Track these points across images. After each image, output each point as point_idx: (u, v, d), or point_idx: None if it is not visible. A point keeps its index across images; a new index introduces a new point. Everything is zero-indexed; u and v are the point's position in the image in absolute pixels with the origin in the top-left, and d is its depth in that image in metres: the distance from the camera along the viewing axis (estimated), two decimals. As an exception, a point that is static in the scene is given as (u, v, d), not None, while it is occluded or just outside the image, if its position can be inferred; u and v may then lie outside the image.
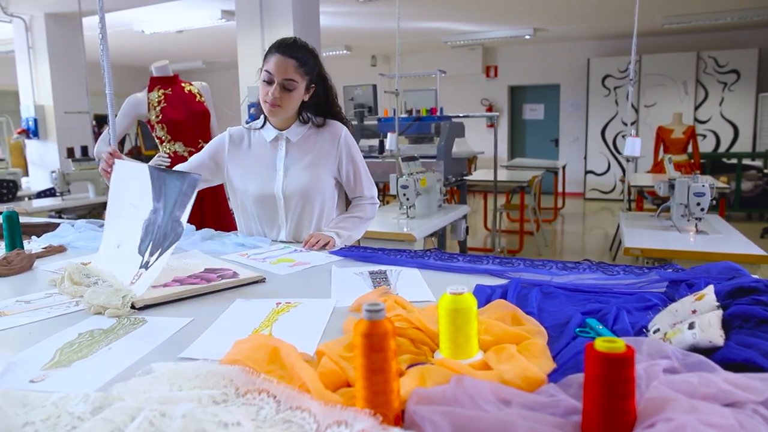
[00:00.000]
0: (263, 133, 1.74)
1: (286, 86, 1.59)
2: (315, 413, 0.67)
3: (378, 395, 0.63)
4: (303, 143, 1.72)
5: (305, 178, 1.70)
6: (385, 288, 1.13)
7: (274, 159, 1.72)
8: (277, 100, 1.61)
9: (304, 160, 1.71)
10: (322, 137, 1.73)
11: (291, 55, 1.59)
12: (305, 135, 1.73)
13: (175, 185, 1.20)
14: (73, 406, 0.70)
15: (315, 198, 1.72)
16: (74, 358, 0.88)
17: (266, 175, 1.71)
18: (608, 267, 1.38)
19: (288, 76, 1.58)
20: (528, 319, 0.96)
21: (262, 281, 1.28)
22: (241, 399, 0.72)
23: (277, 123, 1.72)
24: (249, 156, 1.74)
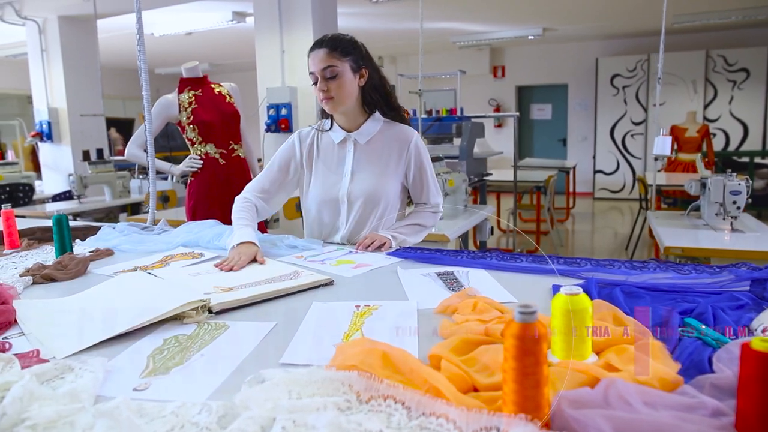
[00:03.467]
0: (331, 134, 1.71)
1: (327, 75, 1.56)
2: (454, 419, 0.64)
3: (529, 400, 0.61)
4: (372, 145, 1.68)
5: (371, 182, 1.66)
6: (471, 289, 1.10)
7: (342, 162, 1.69)
8: (327, 92, 1.57)
9: (372, 165, 1.67)
10: (391, 140, 1.68)
11: (320, 46, 1.57)
12: (374, 136, 1.68)
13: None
14: (194, 416, 0.68)
15: (379, 203, 1.68)
16: (170, 365, 0.85)
17: (332, 179, 1.69)
18: (679, 266, 1.36)
19: (324, 65, 1.56)
20: (629, 319, 0.94)
21: (330, 284, 1.25)
22: (366, 406, 0.70)
23: (345, 123, 1.68)
24: (317, 159, 1.71)
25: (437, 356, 0.79)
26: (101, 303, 1.10)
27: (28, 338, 0.98)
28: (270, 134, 4.16)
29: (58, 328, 1.00)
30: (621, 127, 8.59)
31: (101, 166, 4.50)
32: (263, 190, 1.73)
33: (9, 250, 1.66)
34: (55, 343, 0.93)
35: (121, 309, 1.04)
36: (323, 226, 1.75)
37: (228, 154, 2.58)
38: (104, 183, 4.46)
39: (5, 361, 0.83)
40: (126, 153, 2.51)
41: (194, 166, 2.51)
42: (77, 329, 0.97)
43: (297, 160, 1.73)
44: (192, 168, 2.52)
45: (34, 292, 1.28)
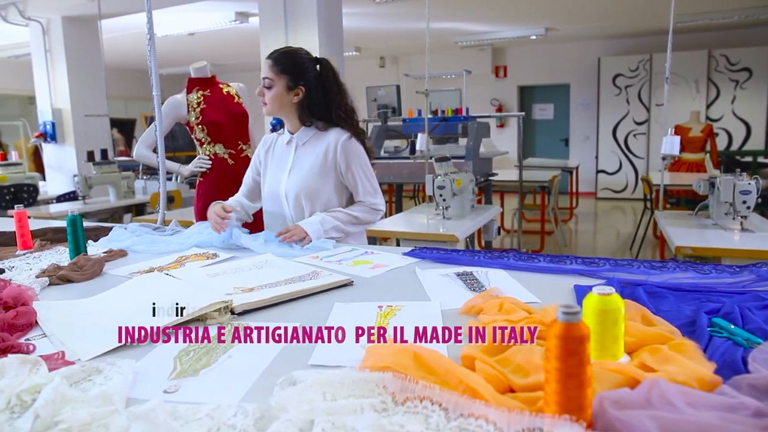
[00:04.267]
0: (283, 137, 1.90)
1: (264, 84, 1.77)
2: (494, 420, 0.63)
3: (572, 400, 0.60)
4: (309, 146, 1.83)
5: (306, 179, 1.80)
6: (495, 289, 1.09)
7: (286, 160, 1.86)
8: (263, 98, 1.78)
9: (308, 162, 1.81)
10: (324, 141, 1.81)
11: (268, 57, 1.77)
12: (311, 139, 1.83)
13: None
14: (230, 418, 0.67)
15: (316, 198, 1.80)
16: (197, 366, 0.84)
17: (276, 175, 1.86)
18: (698, 266, 1.35)
19: (264, 75, 1.77)
20: (657, 319, 0.93)
21: (350, 284, 1.25)
22: (401, 407, 0.69)
23: (289, 127, 1.86)
24: (273, 159, 1.91)
25: (470, 357, 0.78)
26: (123, 305, 1.09)
27: (50, 340, 0.97)
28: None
29: (81, 329, 0.99)
30: (623, 127, 8.58)
31: (105, 167, 4.49)
32: (247, 188, 1.97)
33: (22, 251, 1.66)
34: (79, 345, 0.92)
35: (143, 310, 1.03)
36: (274, 219, 1.88)
37: (237, 154, 2.57)
38: (109, 183, 4.46)
39: (32, 363, 0.82)
40: (134, 153, 2.50)
41: (203, 166, 2.51)
42: (101, 331, 0.97)
43: (259, 160, 1.95)
44: (201, 168, 2.51)
45: (51, 293, 1.28)
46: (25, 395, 0.73)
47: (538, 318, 0.90)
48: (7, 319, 1.00)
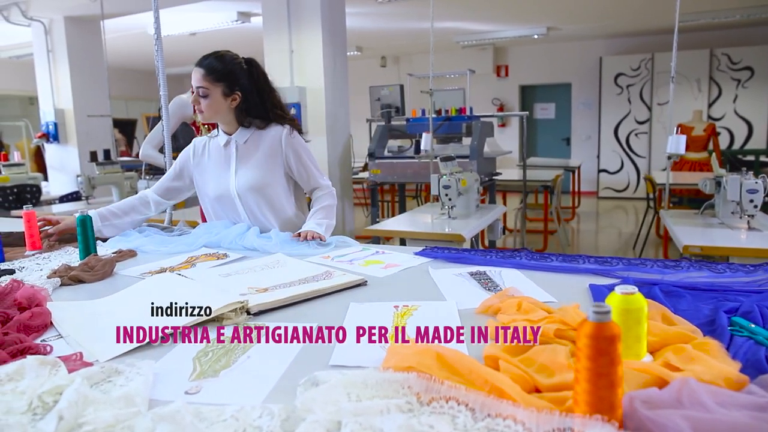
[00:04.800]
0: (218, 140, 1.91)
1: (199, 93, 1.77)
2: (523, 420, 0.63)
3: (603, 400, 0.60)
4: (250, 145, 1.86)
5: (254, 175, 1.84)
6: (513, 289, 1.09)
7: (228, 161, 1.88)
8: (198, 106, 1.79)
9: (252, 159, 1.84)
10: (266, 138, 1.86)
11: (200, 65, 1.78)
12: (251, 138, 1.86)
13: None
14: (255, 420, 0.67)
15: (267, 192, 1.84)
16: (217, 367, 0.84)
17: (221, 176, 1.87)
18: (713, 265, 1.35)
19: (197, 84, 1.77)
20: (678, 318, 0.93)
21: (364, 284, 1.24)
22: (427, 408, 0.68)
23: (226, 128, 1.88)
24: (209, 162, 1.91)
25: (494, 357, 0.77)
26: (138, 305, 1.08)
27: (67, 341, 0.96)
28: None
29: (97, 330, 0.99)
30: (625, 126, 8.58)
31: (109, 167, 4.49)
32: (163, 188, 1.98)
33: (31, 252, 1.65)
34: (95, 346, 0.92)
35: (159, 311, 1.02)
36: (220, 218, 1.89)
37: (243, 154, 2.56)
38: (112, 184, 4.45)
39: (51, 365, 0.81)
40: (140, 153, 2.49)
41: (209, 166, 2.50)
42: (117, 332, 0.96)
43: (189, 164, 1.95)
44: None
45: (62, 293, 1.27)
46: (46, 397, 0.73)
47: (558, 317, 0.89)
48: (22, 320, 0.99)
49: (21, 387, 0.76)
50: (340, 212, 4.29)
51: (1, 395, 0.74)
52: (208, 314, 0.99)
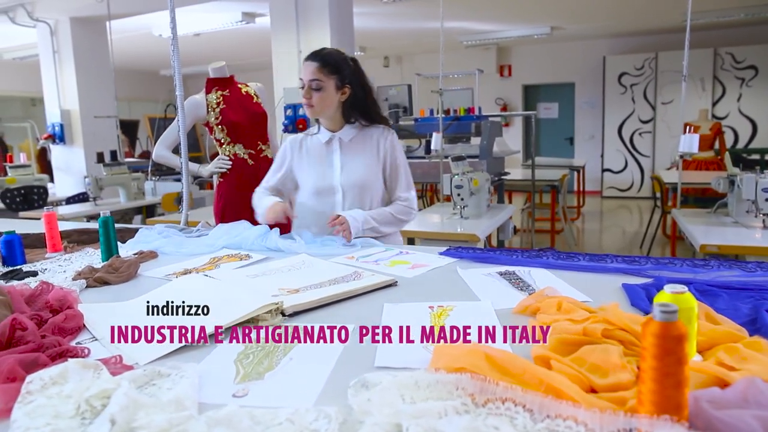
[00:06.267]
0: (318, 136, 1.90)
1: (312, 86, 1.76)
2: (585, 421, 0.62)
3: (669, 400, 0.59)
4: (354, 143, 1.87)
5: (361, 171, 1.84)
6: (550, 289, 1.08)
7: (331, 156, 1.87)
8: (309, 101, 1.78)
9: (357, 156, 1.86)
10: (370, 137, 1.87)
11: (313, 59, 1.77)
12: (355, 136, 1.87)
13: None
14: (312, 422, 0.66)
15: (369, 191, 1.86)
16: (260, 369, 0.83)
17: (324, 171, 1.87)
18: (743, 264, 1.34)
19: (312, 77, 1.75)
20: (721, 317, 0.92)
21: (394, 284, 1.23)
22: (483, 409, 0.68)
23: (329, 125, 1.87)
24: (308, 157, 1.91)
25: (544, 357, 0.76)
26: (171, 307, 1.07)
27: (102, 343, 0.95)
28: (288, 134, 4.13)
29: (131, 332, 0.98)
30: (629, 126, 8.57)
31: (116, 168, 4.48)
32: (271, 187, 1.97)
33: (52, 254, 1.64)
34: (134, 348, 0.91)
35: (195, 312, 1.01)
36: (320, 216, 1.85)
37: (256, 154, 2.56)
38: (119, 185, 4.44)
39: (93, 368, 0.80)
40: (154, 154, 2.48)
41: (223, 166, 2.49)
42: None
43: (290, 161, 1.94)
44: (221, 169, 2.49)
45: (88, 295, 1.26)
46: (94, 400, 0.72)
47: (602, 317, 0.88)
48: (57, 322, 0.98)
49: (66, 391, 0.75)
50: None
51: (47, 399, 0.73)
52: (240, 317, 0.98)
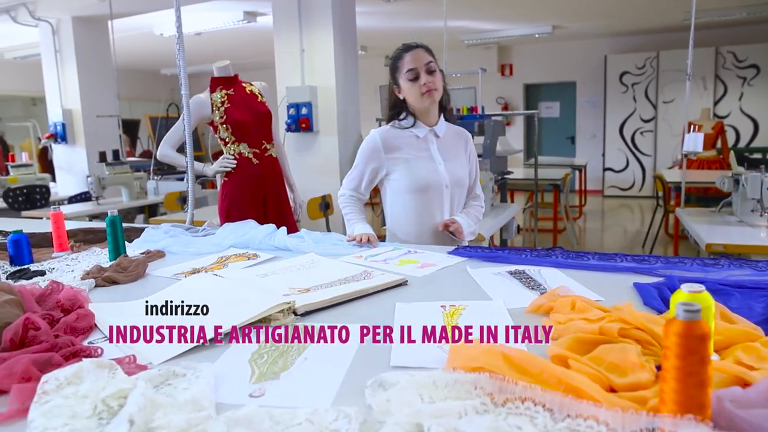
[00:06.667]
0: (414, 131, 1.79)
1: (430, 68, 1.71)
2: (606, 421, 0.62)
3: (692, 399, 0.59)
4: (446, 139, 1.82)
5: (461, 168, 1.83)
6: (563, 288, 1.08)
7: (429, 152, 1.79)
8: (431, 84, 1.70)
9: (453, 153, 1.82)
10: (455, 134, 1.87)
11: (417, 47, 1.74)
12: (446, 132, 1.83)
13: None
14: (332, 422, 0.65)
15: (465, 189, 1.85)
16: (276, 369, 0.82)
17: (429, 167, 1.77)
18: (753, 263, 1.34)
19: (428, 59, 1.72)
20: (736, 316, 0.92)
21: (404, 284, 1.23)
22: (502, 409, 0.67)
23: (426, 119, 1.79)
24: (405, 152, 1.78)
25: (562, 356, 0.76)
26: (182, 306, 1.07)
27: (115, 343, 0.95)
28: (290, 134, 4.13)
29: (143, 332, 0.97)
30: (630, 125, 8.56)
31: (118, 167, 4.48)
32: (355, 187, 1.87)
33: (59, 253, 1.64)
34: (147, 348, 0.91)
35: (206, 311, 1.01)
36: (421, 213, 1.77)
37: (261, 153, 2.55)
38: (121, 184, 4.44)
39: (108, 367, 0.80)
40: (158, 153, 2.47)
41: (228, 166, 2.48)
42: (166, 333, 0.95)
43: (380, 155, 1.79)
44: (226, 168, 2.49)
45: (97, 295, 1.26)
46: (111, 400, 0.71)
47: (617, 316, 0.88)
48: (69, 321, 0.98)
49: (82, 391, 0.74)
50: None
51: (64, 399, 0.73)
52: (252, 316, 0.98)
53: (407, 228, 1.80)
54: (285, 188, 2.68)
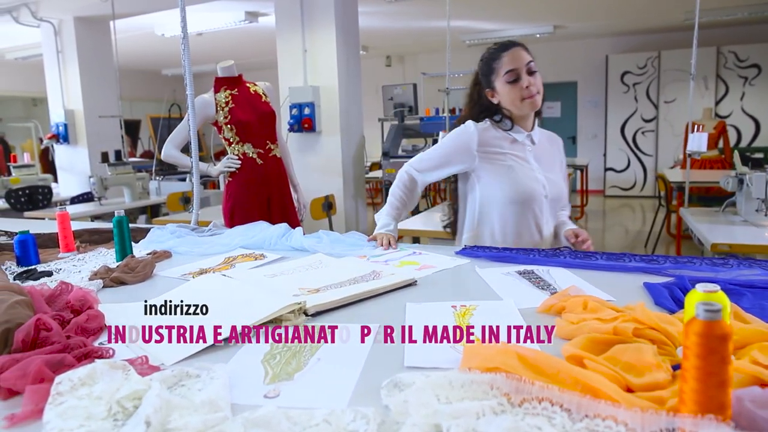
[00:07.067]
0: (512, 134, 1.62)
1: (531, 69, 1.57)
2: (625, 421, 0.61)
3: (712, 399, 0.58)
4: (540, 146, 1.67)
5: (558, 177, 1.67)
6: (574, 288, 1.07)
7: (527, 160, 1.62)
8: (534, 87, 1.56)
9: (548, 162, 1.66)
10: (548, 140, 1.72)
11: (515, 45, 1.59)
12: (540, 137, 1.69)
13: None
14: (349, 423, 0.65)
15: (560, 200, 1.68)
16: (289, 370, 0.82)
17: (529, 176, 1.60)
18: (763, 263, 1.33)
19: (527, 60, 1.57)
20: (749, 316, 0.91)
21: (414, 284, 1.23)
22: (520, 409, 0.67)
23: (524, 123, 1.63)
24: (503, 156, 1.60)
25: (577, 356, 0.76)
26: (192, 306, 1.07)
27: (126, 344, 0.95)
28: (293, 134, 4.13)
29: (154, 333, 0.97)
30: (631, 125, 8.56)
31: (120, 168, 4.48)
32: (424, 170, 1.69)
33: (65, 253, 1.63)
34: (159, 349, 0.90)
35: (218, 313, 1.01)
36: (521, 226, 1.60)
37: (265, 153, 2.55)
38: (124, 185, 4.44)
39: (121, 368, 0.80)
40: (162, 154, 2.47)
41: (232, 166, 2.48)
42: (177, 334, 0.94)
43: (472, 152, 1.61)
44: (230, 168, 2.49)
45: (105, 295, 1.25)
46: (126, 402, 0.71)
47: (630, 316, 0.88)
48: (80, 322, 0.98)
49: (96, 392, 0.74)
50: (353, 211, 4.28)
51: (78, 400, 0.72)
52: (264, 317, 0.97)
53: (502, 242, 1.62)
54: (289, 188, 2.68)
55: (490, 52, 1.62)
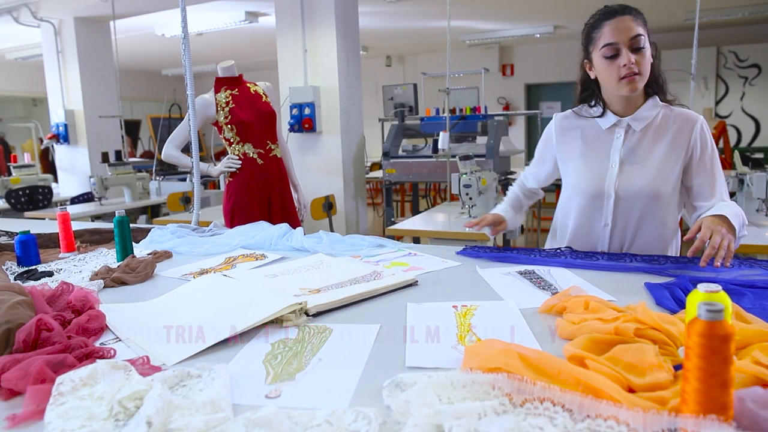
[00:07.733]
0: (599, 121, 1.46)
1: (635, 45, 1.32)
2: (627, 421, 0.61)
3: (714, 400, 0.58)
4: (647, 132, 1.41)
5: (650, 175, 1.39)
6: (576, 288, 1.07)
7: (609, 150, 1.44)
8: (635, 66, 1.32)
9: (648, 153, 1.41)
10: (669, 124, 1.41)
11: (623, 12, 1.34)
12: (651, 122, 1.41)
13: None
14: (351, 424, 0.65)
15: (659, 202, 1.40)
16: (290, 370, 0.82)
17: (597, 170, 1.44)
18: (764, 263, 1.33)
19: (634, 33, 1.31)
20: (750, 316, 0.91)
21: (414, 284, 1.23)
22: (521, 409, 0.67)
23: (621, 106, 1.42)
24: (580, 146, 1.48)
25: (578, 356, 0.76)
26: (193, 307, 1.07)
27: (127, 344, 0.95)
28: (293, 134, 4.13)
29: (155, 333, 0.97)
30: (631, 124, 8.55)
31: (120, 168, 4.47)
32: (530, 176, 1.70)
33: (66, 254, 1.63)
34: (159, 349, 0.90)
35: (219, 313, 1.01)
36: (580, 220, 1.48)
37: (266, 153, 2.55)
38: (124, 185, 4.44)
39: (122, 368, 0.80)
40: (163, 154, 2.47)
41: (233, 166, 2.48)
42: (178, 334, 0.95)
43: (552, 144, 1.55)
44: (231, 168, 2.49)
45: (106, 296, 1.25)
46: (127, 402, 0.71)
47: (632, 316, 0.88)
48: (81, 322, 0.97)
49: (97, 392, 0.74)
50: (353, 212, 4.28)
51: (80, 401, 0.72)
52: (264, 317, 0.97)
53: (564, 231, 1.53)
54: (290, 188, 2.68)
55: (594, 19, 1.41)
